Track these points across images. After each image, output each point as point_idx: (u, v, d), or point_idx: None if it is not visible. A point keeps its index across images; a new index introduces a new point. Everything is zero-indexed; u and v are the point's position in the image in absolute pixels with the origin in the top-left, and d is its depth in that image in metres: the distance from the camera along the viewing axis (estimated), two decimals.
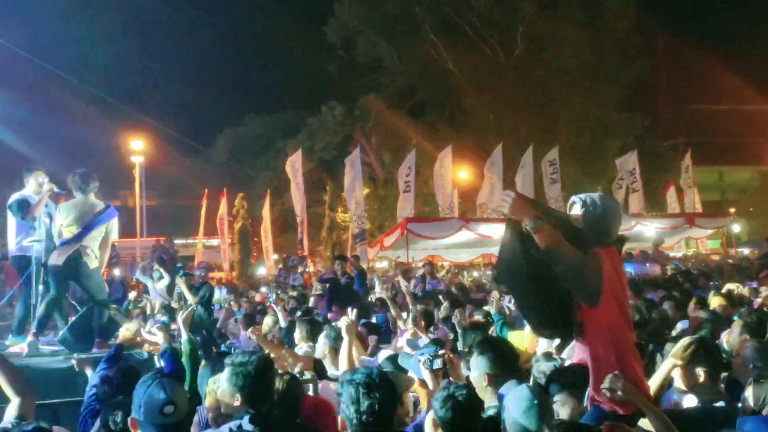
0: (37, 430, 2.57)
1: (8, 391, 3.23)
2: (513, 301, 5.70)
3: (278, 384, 3.40)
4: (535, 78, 29.59)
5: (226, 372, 2.91)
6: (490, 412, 3.03)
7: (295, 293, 12.31)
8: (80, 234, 6.06)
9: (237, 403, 2.84)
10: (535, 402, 2.69)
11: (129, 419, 2.73)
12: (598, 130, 28.48)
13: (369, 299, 10.36)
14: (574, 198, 3.38)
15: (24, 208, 6.25)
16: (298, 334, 5.62)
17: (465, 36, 29.65)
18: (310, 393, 4.08)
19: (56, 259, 6.03)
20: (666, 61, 40.42)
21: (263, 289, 15.85)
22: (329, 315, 8.51)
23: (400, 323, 6.80)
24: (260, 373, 2.87)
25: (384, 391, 2.58)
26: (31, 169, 6.56)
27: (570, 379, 3.38)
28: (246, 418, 2.74)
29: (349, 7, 29.77)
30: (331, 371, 5.06)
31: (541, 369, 3.88)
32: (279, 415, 3.00)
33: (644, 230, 18.24)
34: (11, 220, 6.45)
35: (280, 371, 3.72)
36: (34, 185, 6.50)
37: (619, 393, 2.96)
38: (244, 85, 45.63)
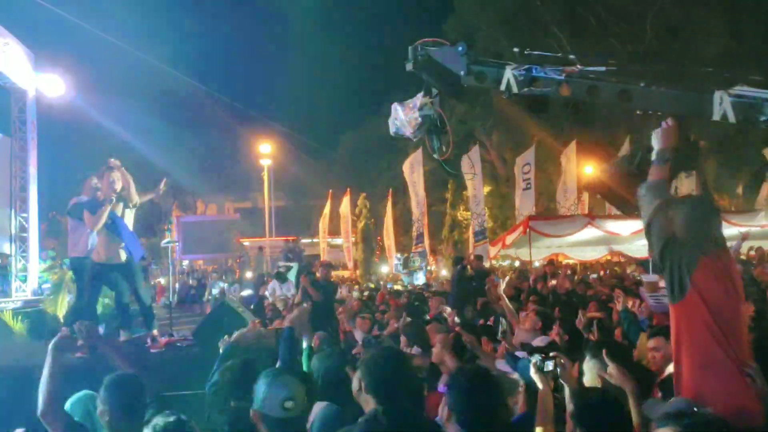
0: (177, 421, 2.73)
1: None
2: None
3: None
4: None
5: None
6: None
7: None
8: None
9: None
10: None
11: (252, 411, 2.87)
12: None
13: None
14: None
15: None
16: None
17: (589, 27, 28.46)
18: None
19: None
20: None
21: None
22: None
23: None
24: (393, 368, 2.94)
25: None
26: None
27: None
28: (379, 410, 2.81)
29: (468, 3, 29.51)
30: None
31: None
32: (408, 409, 3.04)
33: None
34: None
35: None
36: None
37: None
38: (364, 87, 46.54)
